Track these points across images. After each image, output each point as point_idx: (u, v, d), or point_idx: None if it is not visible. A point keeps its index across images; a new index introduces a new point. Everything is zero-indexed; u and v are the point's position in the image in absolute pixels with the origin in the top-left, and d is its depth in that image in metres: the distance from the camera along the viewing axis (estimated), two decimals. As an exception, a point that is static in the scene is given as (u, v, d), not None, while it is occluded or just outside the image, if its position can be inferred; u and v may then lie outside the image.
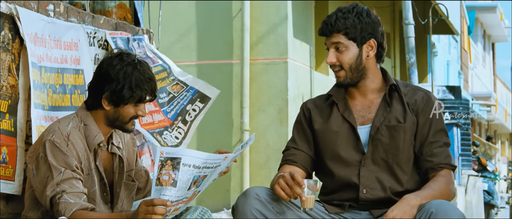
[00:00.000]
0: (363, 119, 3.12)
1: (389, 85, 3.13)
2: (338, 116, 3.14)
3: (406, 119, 3.08)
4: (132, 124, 3.17)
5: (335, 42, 3.07)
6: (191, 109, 4.41)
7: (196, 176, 2.84)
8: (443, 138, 3.10)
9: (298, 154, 3.18)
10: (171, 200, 2.81)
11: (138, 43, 4.33)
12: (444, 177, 3.03)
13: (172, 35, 9.06)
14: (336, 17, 3.07)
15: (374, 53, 3.10)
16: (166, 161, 2.81)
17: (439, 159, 3.05)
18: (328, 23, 3.08)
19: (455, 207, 2.85)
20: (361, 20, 3.06)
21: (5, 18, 3.40)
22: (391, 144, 3.06)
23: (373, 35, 3.09)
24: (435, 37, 18.50)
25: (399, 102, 3.11)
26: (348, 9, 3.09)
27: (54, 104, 3.61)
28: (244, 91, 8.72)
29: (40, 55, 3.55)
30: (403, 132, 3.07)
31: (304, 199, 2.83)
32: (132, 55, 3.14)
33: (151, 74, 3.13)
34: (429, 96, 3.13)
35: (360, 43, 3.08)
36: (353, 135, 3.10)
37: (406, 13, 8.99)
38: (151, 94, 3.12)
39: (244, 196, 2.92)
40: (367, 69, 3.10)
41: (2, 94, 3.37)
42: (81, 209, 2.97)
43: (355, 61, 3.07)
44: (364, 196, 3.06)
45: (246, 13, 8.77)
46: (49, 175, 2.99)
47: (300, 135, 3.21)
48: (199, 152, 2.85)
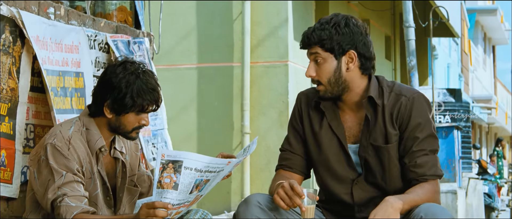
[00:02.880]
0: (354, 138, 3.05)
1: (366, 97, 3.00)
2: (327, 127, 3.07)
3: (388, 137, 2.98)
4: (136, 133, 3.16)
5: (313, 53, 2.99)
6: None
7: (198, 180, 2.83)
8: (430, 145, 2.98)
9: (293, 158, 3.13)
10: (172, 203, 2.81)
11: (138, 46, 4.33)
12: (431, 185, 2.95)
13: (173, 38, 9.07)
14: (313, 29, 2.99)
15: (355, 64, 2.98)
16: (167, 164, 2.80)
17: (424, 170, 2.96)
18: (306, 35, 3.01)
19: (444, 209, 2.83)
20: (338, 31, 2.94)
21: (6, 21, 3.40)
22: (379, 164, 3.01)
23: (352, 46, 2.96)
24: (436, 40, 18.51)
25: (381, 116, 3.00)
26: (327, 20, 2.99)
27: (56, 107, 3.62)
28: (245, 94, 8.72)
29: (42, 58, 3.55)
30: (387, 153, 2.99)
31: (304, 210, 2.80)
32: (137, 63, 3.12)
33: (154, 84, 3.10)
34: (413, 102, 2.99)
35: (338, 55, 2.96)
36: (343, 154, 3.05)
37: (407, 16, 8.98)
38: (154, 104, 3.10)
39: (245, 204, 2.90)
40: (349, 82, 2.98)
41: (2, 97, 3.37)
42: (82, 212, 2.97)
43: (334, 74, 2.96)
44: (360, 216, 3.05)
45: (247, 16, 8.77)
46: (50, 178, 2.99)
47: (295, 136, 3.15)
48: (201, 156, 2.84)
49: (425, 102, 3.02)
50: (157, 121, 4.53)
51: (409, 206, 2.84)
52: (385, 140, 2.99)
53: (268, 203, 2.90)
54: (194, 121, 9.10)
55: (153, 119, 4.45)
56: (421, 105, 3.00)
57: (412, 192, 2.90)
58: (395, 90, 3.03)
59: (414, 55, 8.83)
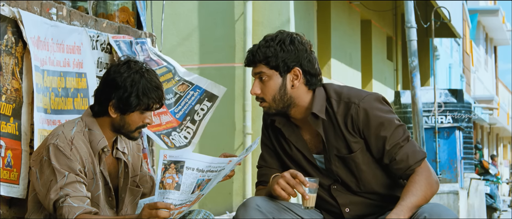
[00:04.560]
0: (317, 149, 3.04)
1: (310, 113, 2.97)
2: (289, 141, 3.06)
3: (350, 147, 2.96)
4: (139, 133, 3.17)
5: (258, 72, 2.99)
6: (199, 109, 4.42)
7: (200, 180, 2.84)
8: (400, 136, 2.94)
9: (270, 173, 3.11)
10: (174, 203, 2.81)
11: (141, 46, 4.33)
12: (420, 174, 2.91)
13: (175, 39, 9.07)
14: (258, 46, 2.99)
15: (300, 81, 2.97)
16: (169, 165, 2.81)
17: (407, 163, 2.92)
18: (251, 53, 3.01)
19: (448, 209, 2.83)
20: (283, 48, 2.93)
21: (8, 21, 3.40)
22: (349, 173, 3.00)
23: (297, 63, 2.95)
24: (437, 41, 18.51)
25: (337, 126, 2.97)
26: (272, 37, 2.98)
27: (57, 108, 3.61)
28: (247, 95, 8.71)
29: (43, 59, 3.55)
30: (353, 162, 2.97)
31: (307, 198, 2.83)
32: (140, 63, 3.13)
33: (158, 82, 3.12)
34: (363, 107, 2.94)
35: (283, 72, 2.95)
36: (312, 165, 3.04)
37: (408, 17, 8.98)
38: (158, 102, 3.11)
39: (244, 207, 2.91)
40: (294, 98, 2.97)
41: (6, 98, 3.37)
42: (85, 213, 2.97)
43: (279, 91, 2.96)
44: (348, 215, 3.04)
45: (249, 17, 8.77)
46: (52, 178, 2.99)
47: (268, 152, 3.15)
48: (202, 156, 2.85)
49: (376, 101, 2.98)
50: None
51: (412, 211, 2.82)
52: (347, 150, 2.98)
53: (267, 206, 2.91)
54: (196, 121, 9.10)
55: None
56: (372, 106, 2.96)
57: (408, 194, 2.87)
58: (343, 98, 2.99)
59: (415, 55, 8.82)
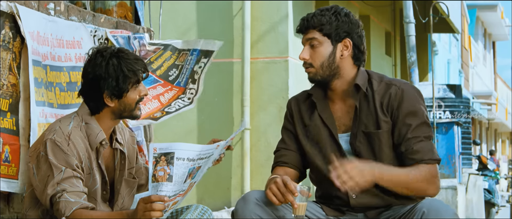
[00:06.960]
0: (345, 127, 3.08)
1: (353, 84, 3.05)
2: (318, 118, 3.11)
3: (379, 124, 3.01)
4: (139, 109, 3.19)
5: (310, 38, 3.05)
6: (197, 68, 4.49)
7: (191, 169, 2.87)
8: (424, 132, 3.00)
9: (288, 154, 3.16)
10: (168, 195, 2.83)
11: (138, 41, 4.33)
12: (427, 168, 2.95)
13: (173, 34, 9.06)
14: (313, 14, 3.06)
15: (349, 53, 3.05)
16: (160, 157, 2.84)
17: (421, 155, 2.97)
18: (305, 20, 3.07)
19: (446, 206, 2.84)
20: (338, 18, 3.03)
21: (5, 16, 3.40)
22: (369, 152, 3.03)
23: (349, 34, 3.04)
24: (436, 36, 18.50)
25: (372, 103, 3.04)
26: (327, 8, 3.07)
27: (63, 102, 3.62)
28: (245, 90, 8.71)
29: (44, 54, 3.55)
30: (378, 139, 3.01)
31: (296, 207, 2.82)
32: (108, 47, 3.17)
33: (134, 54, 3.18)
34: (403, 90, 3.03)
35: (335, 41, 3.03)
36: (334, 144, 3.07)
37: (407, 12, 8.98)
38: (144, 71, 3.15)
39: (243, 201, 2.92)
40: (340, 69, 3.04)
41: (3, 93, 3.37)
42: (81, 208, 2.97)
43: (328, 58, 3.03)
44: (355, 202, 3.05)
45: (247, 12, 8.76)
46: (49, 174, 2.99)
47: (289, 135, 3.19)
48: (192, 145, 2.88)
49: (415, 92, 3.06)
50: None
51: (383, 180, 2.85)
52: (376, 126, 3.02)
53: (266, 200, 2.91)
54: (194, 117, 9.09)
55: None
56: (411, 94, 3.04)
57: (400, 168, 2.93)
58: (385, 80, 3.09)
59: (414, 51, 8.82)
